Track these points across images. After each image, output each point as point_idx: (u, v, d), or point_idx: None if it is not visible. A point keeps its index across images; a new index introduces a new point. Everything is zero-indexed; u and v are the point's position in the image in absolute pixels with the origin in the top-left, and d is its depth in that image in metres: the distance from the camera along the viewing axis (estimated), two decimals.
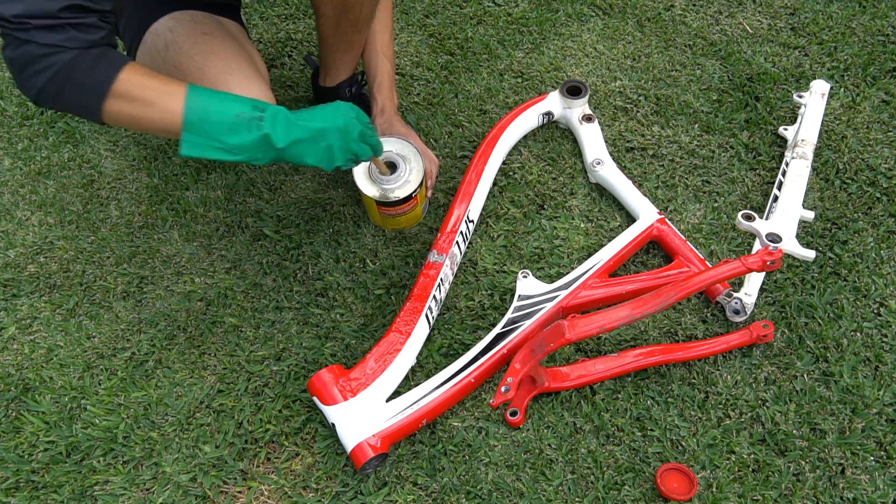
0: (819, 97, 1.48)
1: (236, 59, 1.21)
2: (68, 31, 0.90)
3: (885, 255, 1.32)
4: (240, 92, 1.15)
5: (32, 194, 1.53)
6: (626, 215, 1.41)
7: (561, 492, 1.08)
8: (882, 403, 1.14)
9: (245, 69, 1.20)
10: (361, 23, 1.30)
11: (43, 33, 0.89)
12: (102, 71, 0.94)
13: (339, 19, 1.28)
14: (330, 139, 1.03)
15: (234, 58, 1.21)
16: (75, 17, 0.90)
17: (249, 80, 1.19)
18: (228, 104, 0.99)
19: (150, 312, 1.32)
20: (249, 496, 1.10)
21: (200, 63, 1.17)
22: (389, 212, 1.33)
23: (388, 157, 1.30)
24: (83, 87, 0.94)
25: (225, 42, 1.22)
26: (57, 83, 0.93)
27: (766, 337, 1.19)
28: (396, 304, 1.30)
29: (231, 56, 1.21)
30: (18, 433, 1.19)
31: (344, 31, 1.31)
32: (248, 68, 1.21)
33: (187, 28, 1.20)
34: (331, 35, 1.33)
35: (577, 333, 1.05)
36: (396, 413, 1.11)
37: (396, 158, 1.30)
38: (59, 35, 0.90)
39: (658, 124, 1.56)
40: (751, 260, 1.07)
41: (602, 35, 1.77)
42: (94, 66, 0.94)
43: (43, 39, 0.89)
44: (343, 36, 1.32)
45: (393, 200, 1.28)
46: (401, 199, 1.29)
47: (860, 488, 1.06)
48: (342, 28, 1.30)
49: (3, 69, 1.79)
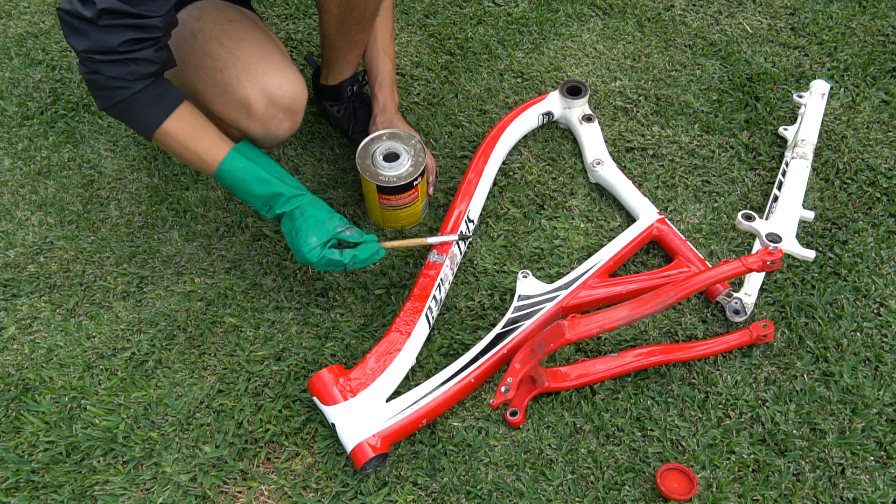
0: (819, 97, 1.48)
1: (268, 45, 1.23)
2: (129, 66, 1.02)
3: (885, 255, 1.32)
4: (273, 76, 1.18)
5: (32, 194, 1.53)
6: (626, 215, 1.41)
7: (561, 492, 1.08)
8: (882, 403, 1.14)
9: (276, 53, 1.23)
10: (366, 21, 1.31)
11: (107, 66, 1.02)
12: (154, 113, 1.09)
13: (343, 17, 1.28)
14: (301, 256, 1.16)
15: (262, 42, 1.23)
16: (132, 51, 1.01)
17: (279, 62, 1.21)
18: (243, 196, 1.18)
19: (150, 312, 1.32)
20: (249, 496, 1.10)
21: (232, 48, 1.19)
22: (390, 202, 1.32)
23: (389, 148, 1.32)
24: (138, 122, 1.10)
25: (252, 29, 1.25)
26: (117, 111, 1.09)
27: (766, 337, 1.19)
28: (396, 304, 1.30)
29: (262, 41, 1.23)
30: (18, 433, 1.19)
31: (348, 28, 1.31)
32: (277, 52, 1.24)
33: (213, 16, 1.22)
34: (335, 33, 1.33)
35: (577, 333, 1.05)
36: (396, 413, 1.11)
37: (398, 148, 1.32)
38: (121, 69, 1.02)
39: (658, 124, 1.56)
40: (751, 260, 1.07)
41: (602, 35, 1.77)
42: (147, 108, 1.08)
43: (108, 72, 1.02)
44: (347, 34, 1.33)
45: (394, 186, 1.29)
46: (401, 186, 1.29)
47: (860, 488, 1.06)
48: (346, 26, 1.30)
49: (3, 69, 1.79)
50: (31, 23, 1.92)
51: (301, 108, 1.24)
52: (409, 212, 1.37)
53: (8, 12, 1.95)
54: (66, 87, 1.75)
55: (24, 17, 1.94)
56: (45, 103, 1.71)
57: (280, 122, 1.23)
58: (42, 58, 1.82)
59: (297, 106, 1.23)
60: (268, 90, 1.19)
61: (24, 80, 1.76)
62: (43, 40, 1.86)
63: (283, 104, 1.20)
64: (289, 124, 1.24)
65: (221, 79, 1.19)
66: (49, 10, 1.96)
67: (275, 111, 1.21)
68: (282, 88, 1.20)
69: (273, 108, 1.20)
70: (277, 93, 1.19)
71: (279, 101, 1.20)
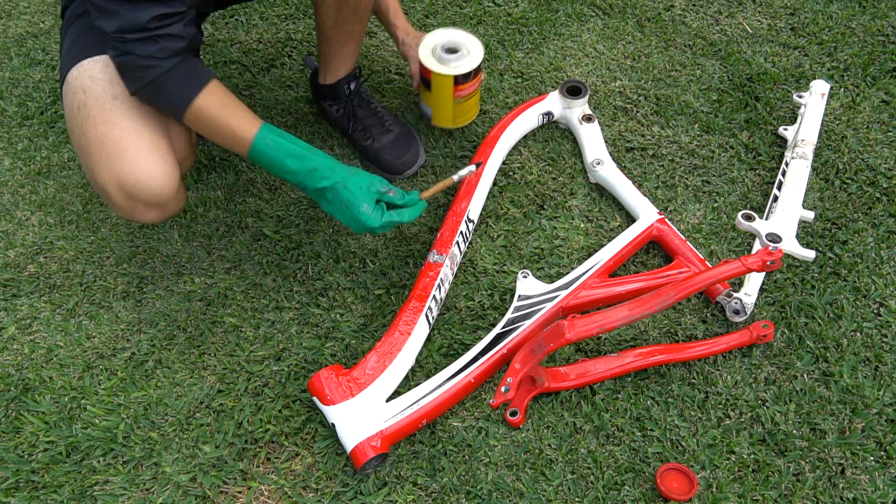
0: (819, 97, 1.48)
1: (137, 129, 1.15)
2: (159, 43, 1.04)
3: (885, 255, 1.32)
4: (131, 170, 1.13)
5: (32, 194, 1.53)
6: (626, 215, 1.41)
7: (561, 492, 1.08)
8: (882, 403, 1.14)
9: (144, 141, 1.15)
10: (362, 10, 1.31)
11: (139, 45, 1.03)
12: (185, 90, 1.10)
13: (339, 7, 1.28)
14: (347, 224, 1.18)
15: (135, 128, 1.15)
16: (161, 27, 1.03)
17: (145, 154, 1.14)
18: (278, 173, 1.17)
19: (150, 312, 1.32)
20: (249, 496, 1.10)
21: (104, 132, 1.14)
22: (462, 92, 1.42)
23: (447, 43, 1.41)
24: (169, 100, 1.11)
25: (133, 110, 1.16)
26: (149, 91, 1.09)
27: (766, 337, 1.19)
28: (396, 304, 1.30)
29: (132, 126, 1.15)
30: (18, 433, 1.19)
31: (345, 19, 1.31)
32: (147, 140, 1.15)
33: (101, 88, 1.15)
34: (331, 25, 1.33)
35: (577, 333, 1.05)
36: (396, 413, 1.11)
37: (454, 43, 1.42)
38: (152, 47, 1.04)
39: (658, 124, 1.56)
40: (751, 260, 1.07)
41: (602, 35, 1.77)
42: (179, 84, 1.09)
43: (139, 51, 1.04)
44: (344, 26, 1.33)
45: (466, 73, 1.39)
46: (471, 72, 1.40)
47: (860, 488, 1.06)
48: (343, 16, 1.30)
49: (3, 69, 1.79)
50: (31, 23, 1.92)
51: (165, 199, 1.18)
52: (473, 102, 1.47)
53: (8, 12, 1.95)
54: None
55: (24, 17, 1.94)
56: (45, 103, 1.71)
57: (143, 213, 1.19)
58: (42, 58, 1.82)
59: (157, 200, 1.17)
60: (123, 184, 1.13)
61: (24, 80, 1.76)
62: (43, 40, 1.86)
63: (140, 199, 1.15)
64: (155, 213, 1.20)
65: (88, 162, 1.15)
66: (49, 10, 1.96)
67: (133, 203, 1.16)
68: (137, 185, 1.13)
69: (131, 201, 1.16)
70: (133, 189, 1.14)
71: (136, 196, 1.15)
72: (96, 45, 1.17)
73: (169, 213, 1.23)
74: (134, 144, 1.14)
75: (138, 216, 1.20)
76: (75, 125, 1.16)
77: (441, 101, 1.44)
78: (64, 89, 1.20)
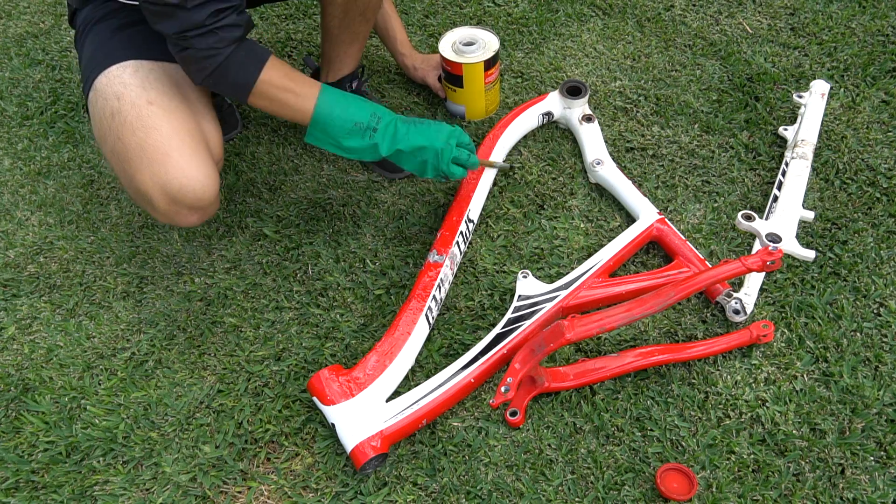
0: (819, 97, 1.48)
1: (178, 135, 1.16)
2: (217, 35, 1.07)
3: (885, 255, 1.32)
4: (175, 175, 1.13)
5: (32, 194, 1.53)
6: (626, 215, 1.41)
7: (561, 492, 1.08)
8: (882, 403, 1.14)
9: (185, 146, 1.16)
10: (369, 12, 1.31)
11: (199, 40, 1.07)
12: (247, 72, 1.13)
13: (348, 7, 1.28)
14: (425, 156, 1.22)
15: (176, 132, 1.16)
16: (218, 21, 1.06)
17: (188, 159, 1.15)
18: (351, 111, 1.18)
19: (150, 312, 1.32)
20: (249, 496, 1.10)
21: (143, 138, 1.14)
22: (490, 78, 1.53)
23: (462, 37, 1.52)
24: (233, 85, 1.14)
25: (172, 112, 1.17)
26: (214, 79, 1.13)
27: (765, 337, 1.19)
28: (396, 304, 1.30)
29: (174, 129, 1.16)
30: (18, 433, 1.19)
31: (352, 20, 1.31)
32: (189, 143, 1.16)
33: (136, 94, 1.15)
34: (337, 26, 1.33)
35: (577, 333, 1.05)
36: (396, 413, 1.11)
37: (468, 37, 1.52)
38: (211, 39, 1.07)
39: (658, 124, 1.56)
40: (750, 260, 1.07)
41: (602, 35, 1.77)
42: (240, 68, 1.12)
43: (200, 45, 1.07)
44: (350, 26, 1.33)
45: (492, 57, 1.50)
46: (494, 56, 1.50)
47: (860, 488, 1.06)
48: (350, 17, 1.31)
49: (3, 69, 1.79)
50: (31, 23, 1.92)
51: (208, 202, 1.19)
52: (496, 89, 1.58)
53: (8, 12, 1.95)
54: (66, 87, 1.75)
55: (24, 17, 1.94)
56: (45, 103, 1.71)
57: (185, 217, 1.20)
58: (42, 58, 1.82)
59: (201, 203, 1.18)
60: (168, 189, 1.14)
61: (24, 80, 1.76)
62: (43, 40, 1.86)
63: (184, 203, 1.16)
64: (195, 217, 1.21)
65: (128, 168, 1.15)
66: (49, 10, 1.96)
67: (177, 208, 1.17)
68: (182, 190, 1.14)
69: (175, 206, 1.17)
70: (178, 194, 1.14)
71: (181, 201, 1.16)
72: (122, 49, 1.18)
73: (208, 216, 1.23)
74: (177, 150, 1.14)
75: (180, 220, 1.20)
76: (109, 132, 1.16)
77: (474, 93, 1.54)
78: (92, 97, 1.19)
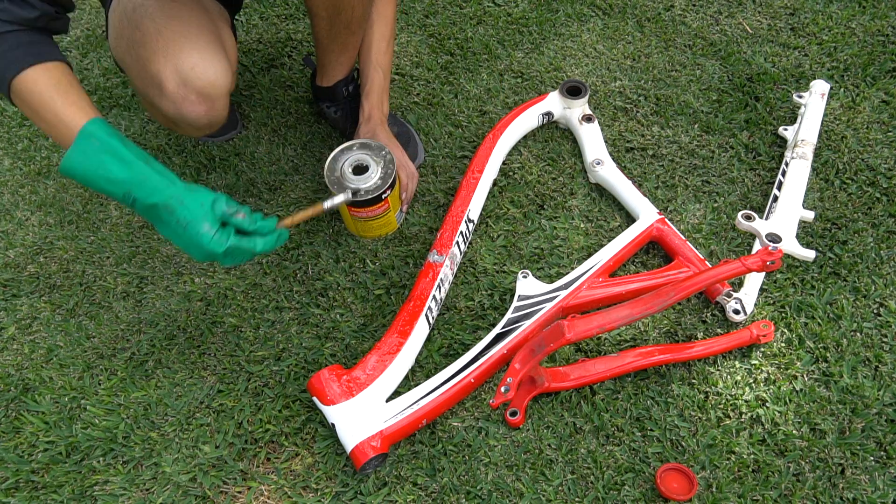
0: (819, 97, 1.48)
1: (197, 26, 1.16)
2: (3, 3, 0.92)
3: (885, 255, 1.32)
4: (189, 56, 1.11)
5: (32, 194, 1.53)
6: (626, 215, 1.41)
7: (561, 492, 1.08)
8: (882, 403, 1.14)
9: (203, 35, 1.15)
10: (354, 24, 1.31)
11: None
12: (11, 61, 0.95)
13: (332, 21, 1.28)
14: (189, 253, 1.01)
15: (195, 24, 1.16)
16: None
17: (204, 45, 1.14)
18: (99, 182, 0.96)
19: (150, 312, 1.32)
20: (249, 496, 1.10)
21: (161, 24, 1.13)
22: (359, 214, 1.31)
23: (359, 160, 1.31)
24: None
25: (193, 10, 1.18)
26: None
27: (765, 337, 1.19)
28: (396, 304, 1.30)
29: (193, 22, 1.16)
30: (18, 433, 1.19)
31: (337, 32, 1.31)
32: (206, 35, 1.16)
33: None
34: (325, 36, 1.33)
35: (577, 333, 1.05)
36: (396, 413, 1.11)
37: (367, 160, 1.30)
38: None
39: (658, 124, 1.56)
40: (750, 260, 1.07)
41: (602, 35, 1.77)
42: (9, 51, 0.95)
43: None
44: (337, 37, 1.33)
45: (360, 200, 1.27)
46: (370, 200, 1.28)
47: (860, 488, 1.06)
48: (336, 30, 1.31)
49: None
50: None
51: (220, 94, 1.16)
52: (381, 222, 1.36)
53: None
54: None
55: None
56: None
57: (193, 105, 1.15)
58: None
59: (212, 91, 1.14)
60: (180, 69, 1.11)
61: None
62: None
63: (195, 86, 1.13)
64: (203, 109, 1.16)
65: (143, 53, 1.13)
66: None
67: (186, 92, 1.13)
68: (195, 69, 1.12)
69: (185, 89, 1.13)
70: (190, 73, 1.11)
71: (191, 83, 1.12)
72: None
73: (214, 116, 1.18)
74: (195, 36, 1.13)
75: (186, 109, 1.15)
76: (128, 24, 1.15)
77: (341, 211, 1.36)
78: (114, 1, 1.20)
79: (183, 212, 0.97)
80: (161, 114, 1.21)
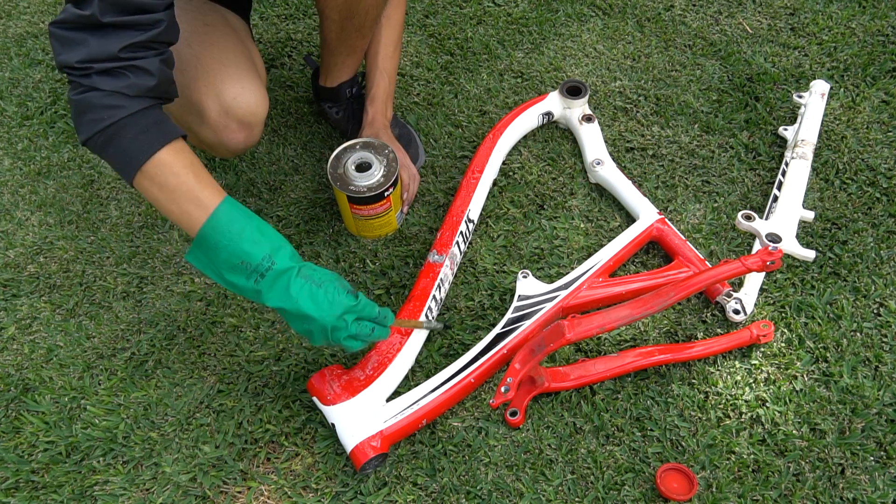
0: (819, 97, 1.48)
1: (234, 52, 1.20)
2: (129, 78, 0.92)
3: (885, 255, 1.32)
4: (231, 86, 1.14)
5: (32, 194, 1.53)
6: (626, 215, 1.41)
7: (561, 492, 1.08)
8: (882, 403, 1.14)
9: (241, 63, 1.20)
10: (366, 28, 1.31)
11: (104, 79, 0.91)
12: (145, 143, 0.94)
13: (343, 24, 1.28)
14: (312, 326, 0.99)
15: (232, 50, 1.19)
16: (134, 58, 0.91)
17: (243, 73, 1.18)
18: (244, 244, 0.96)
19: (149, 312, 1.32)
20: (249, 496, 1.10)
21: (198, 52, 1.16)
22: (361, 212, 1.32)
23: (362, 158, 1.31)
24: (124, 152, 0.94)
25: (227, 35, 1.22)
26: (102, 139, 0.94)
27: (765, 337, 1.19)
28: (396, 304, 1.30)
29: (230, 48, 1.20)
30: (18, 433, 1.19)
31: (348, 35, 1.31)
32: (244, 62, 1.21)
33: (190, 16, 1.19)
34: (334, 39, 1.33)
35: (577, 333, 1.05)
36: (396, 413, 1.11)
37: (370, 158, 1.31)
38: (120, 82, 0.91)
39: (658, 124, 1.56)
40: (750, 260, 1.07)
41: (602, 35, 1.77)
42: (140, 134, 0.94)
43: (104, 86, 0.91)
44: (347, 40, 1.33)
45: (364, 196, 1.28)
46: (372, 197, 1.28)
47: (860, 488, 1.06)
48: (346, 32, 1.30)
49: (3, 69, 1.79)
50: (30, 23, 1.92)
51: (258, 121, 1.20)
52: (382, 222, 1.36)
53: (8, 12, 1.95)
54: (66, 87, 1.75)
55: (24, 17, 1.94)
56: (45, 103, 1.71)
57: (233, 133, 1.19)
58: (42, 58, 1.81)
59: (252, 119, 1.18)
60: (223, 99, 1.15)
61: (24, 80, 1.76)
62: (43, 40, 1.86)
63: (236, 115, 1.16)
64: (242, 136, 1.20)
65: (181, 80, 1.14)
66: (49, 11, 1.96)
67: (228, 121, 1.17)
68: (237, 99, 1.15)
69: (226, 118, 1.16)
70: (232, 103, 1.15)
71: (233, 112, 1.16)
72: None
73: (251, 142, 1.22)
74: (233, 64, 1.15)
75: (227, 136, 1.17)
76: None
77: (342, 210, 1.36)
78: None
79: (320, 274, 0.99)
80: (197, 138, 1.23)
